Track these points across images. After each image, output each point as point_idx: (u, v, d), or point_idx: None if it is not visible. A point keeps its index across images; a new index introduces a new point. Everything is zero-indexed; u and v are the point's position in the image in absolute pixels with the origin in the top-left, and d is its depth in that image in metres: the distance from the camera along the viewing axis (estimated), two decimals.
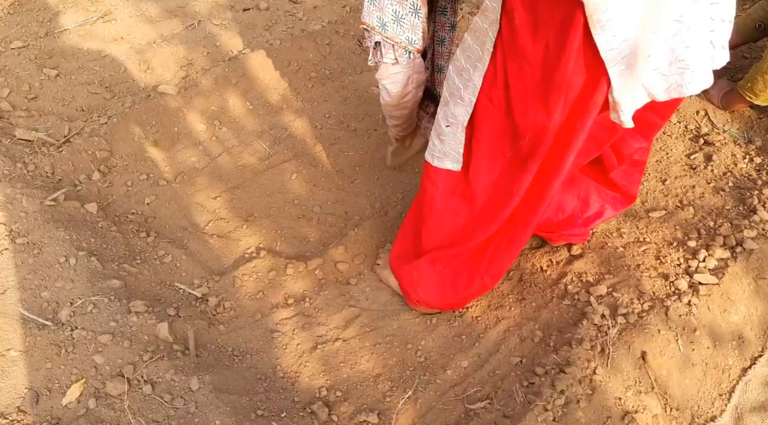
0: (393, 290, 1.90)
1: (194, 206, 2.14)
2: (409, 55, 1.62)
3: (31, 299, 1.64)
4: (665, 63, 1.18)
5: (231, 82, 2.43)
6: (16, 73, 2.41)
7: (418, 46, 1.61)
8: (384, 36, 1.57)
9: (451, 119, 1.49)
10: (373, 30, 1.57)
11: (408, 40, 1.59)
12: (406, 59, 1.62)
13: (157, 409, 1.48)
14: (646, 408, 1.55)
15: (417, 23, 1.58)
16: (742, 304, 1.72)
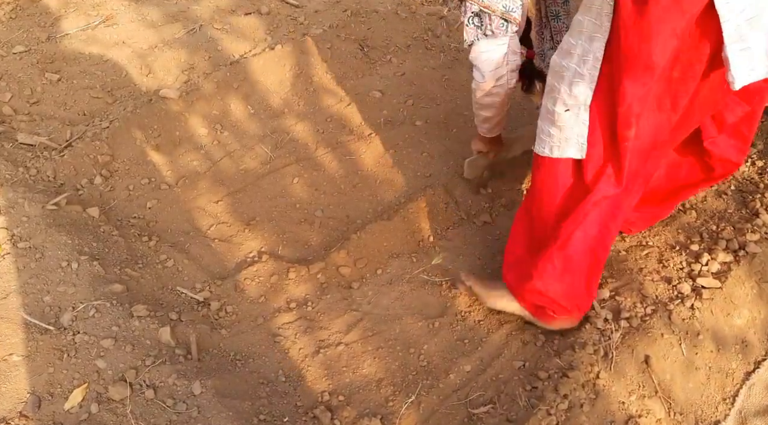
0: (397, 295, 1.89)
1: (196, 210, 2.14)
2: (506, 26, 1.56)
3: (33, 303, 1.64)
4: None
5: (232, 86, 2.43)
6: (18, 78, 2.41)
7: (517, 16, 1.56)
8: (482, 5, 1.53)
9: (570, 101, 1.40)
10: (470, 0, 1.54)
11: (505, 7, 1.54)
12: (503, 31, 1.57)
13: (160, 414, 1.48)
14: (649, 413, 1.55)
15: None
16: (745, 308, 1.72)
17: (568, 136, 1.44)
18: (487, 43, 1.60)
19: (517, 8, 1.55)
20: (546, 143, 1.50)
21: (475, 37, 1.61)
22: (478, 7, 1.55)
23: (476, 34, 1.60)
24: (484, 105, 1.79)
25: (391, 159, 2.30)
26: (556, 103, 1.44)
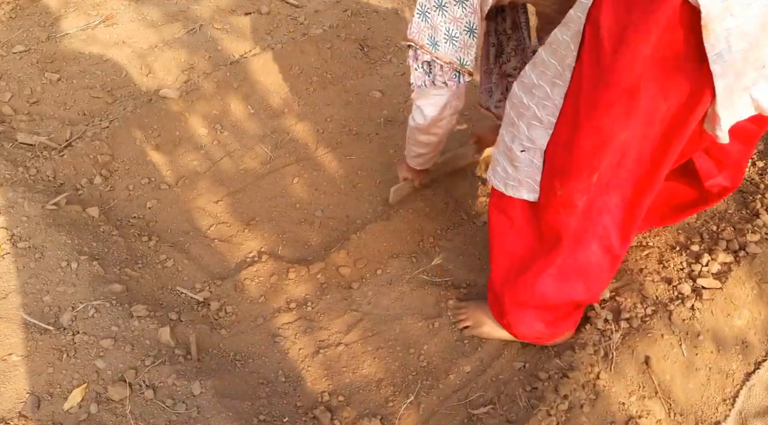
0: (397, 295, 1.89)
1: (196, 210, 2.14)
2: (458, 77, 1.51)
3: (32, 303, 1.64)
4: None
5: (232, 86, 2.43)
6: (17, 78, 2.41)
7: (470, 68, 1.51)
8: (434, 56, 1.47)
9: (526, 143, 1.38)
10: (423, 49, 1.48)
11: (460, 60, 1.48)
12: (455, 82, 1.52)
13: (159, 414, 1.48)
14: (650, 413, 1.54)
15: (471, 43, 1.47)
16: (745, 308, 1.72)
17: (521, 178, 1.42)
18: (435, 90, 1.54)
19: (471, 61, 1.49)
20: (501, 178, 1.48)
21: (423, 83, 1.55)
22: (430, 56, 1.49)
23: (424, 81, 1.54)
24: (420, 143, 1.75)
25: (392, 159, 2.29)
26: (514, 141, 1.41)
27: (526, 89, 1.35)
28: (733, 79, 1.09)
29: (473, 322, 1.77)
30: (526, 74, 1.35)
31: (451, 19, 1.43)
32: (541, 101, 1.31)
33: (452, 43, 1.46)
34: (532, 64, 1.34)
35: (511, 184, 1.46)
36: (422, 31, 1.47)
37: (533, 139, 1.36)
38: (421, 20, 1.45)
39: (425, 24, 1.45)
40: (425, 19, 1.45)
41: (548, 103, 1.30)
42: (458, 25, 1.43)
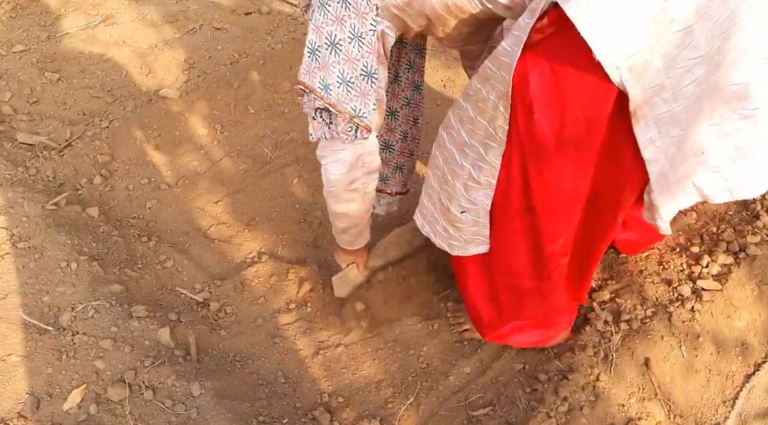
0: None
1: (196, 211, 2.14)
2: (355, 131, 1.29)
3: (32, 303, 1.64)
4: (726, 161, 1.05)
5: (233, 86, 2.43)
6: (17, 77, 2.41)
7: (368, 122, 1.29)
8: (327, 102, 1.26)
9: (467, 204, 1.31)
10: (314, 93, 1.27)
11: (355, 110, 1.27)
12: (351, 137, 1.30)
13: (159, 415, 1.47)
14: (649, 415, 1.54)
15: (369, 90, 1.26)
16: (745, 310, 1.71)
17: (467, 238, 1.37)
18: (339, 144, 1.33)
19: (370, 112, 1.28)
20: (443, 238, 1.42)
21: (322, 135, 1.33)
22: (323, 103, 1.27)
23: (323, 132, 1.33)
24: (338, 214, 1.51)
25: None
26: (451, 201, 1.33)
27: (457, 146, 1.28)
28: (668, 166, 1.06)
29: (471, 326, 1.76)
30: (454, 127, 1.28)
31: (345, 59, 1.23)
32: (476, 162, 1.25)
33: (346, 89, 1.25)
34: (459, 119, 1.26)
35: (455, 244, 1.40)
36: (312, 73, 1.26)
37: (474, 200, 1.29)
38: (311, 60, 1.25)
39: (315, 64, 1.24)
40: (315, 59, 1.24)
41: (484, 166, 1.23)
42: (354, 68, 1.23)
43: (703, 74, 0.97)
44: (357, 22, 1.19)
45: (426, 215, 1.48)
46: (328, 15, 1.20)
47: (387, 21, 1.22)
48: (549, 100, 1.08)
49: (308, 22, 1.27)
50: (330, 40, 1.22)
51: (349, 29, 1.20)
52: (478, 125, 1.21)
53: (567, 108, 1.07)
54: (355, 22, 1.20)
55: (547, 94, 1.07)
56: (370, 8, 1.19)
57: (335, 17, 1.20)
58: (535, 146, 1.14)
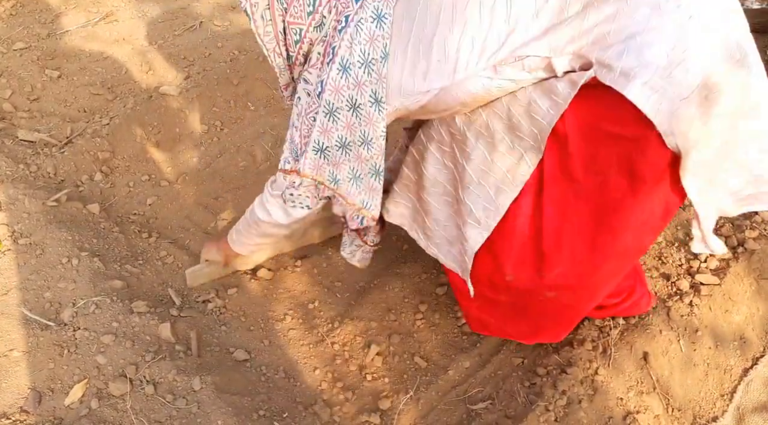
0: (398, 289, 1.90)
1: (196, 207, 2.14)
2: (361, 220, 1.41)
3: (33, 299, 1.65)
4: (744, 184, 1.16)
5: (232, 83, 2.44)
6: (18, 75, 2.42)
7: (375, 214, 1.40)
8: (337, 192, 1.35)
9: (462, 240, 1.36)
10: (323, 185, 1.34)
11: (363, 203, 1.37)
12: (357, 223, 1.42)
13: (160, 409, 1.48)
14: (647, 409, 1.55)
15: (377, 187, 1.35)
16: (743, 304, 1.72)
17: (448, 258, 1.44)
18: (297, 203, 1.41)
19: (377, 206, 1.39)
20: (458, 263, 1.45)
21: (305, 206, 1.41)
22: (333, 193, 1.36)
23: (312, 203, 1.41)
24: (267, 235, 1.57)
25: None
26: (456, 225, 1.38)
27: (464, 186, 1.31)
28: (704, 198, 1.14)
29: None
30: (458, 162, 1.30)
31: (355, 159, 1.31)
32: (481, 202, 1.28)
33: (356, 184, 1.34)
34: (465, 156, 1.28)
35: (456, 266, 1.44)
36: (321, 168, 1.32)
37: (468, 237, 1.32)
38: (320, 157, 1.30)
39: (324, 161, 1.31)
40: (324, 157, 1.30)
41: (490, 208, 1.27)
42: (363, 166, 1.32)
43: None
44: (368, 129, 1.26)
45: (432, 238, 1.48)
46: (338, 122, 1.25)
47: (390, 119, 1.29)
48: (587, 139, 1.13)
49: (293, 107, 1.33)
50: (341, 143, 1.28)
51: (359, 135, 1.27)
52: (494, 168, 1.24)
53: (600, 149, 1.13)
54: (365, 129, 1.26)
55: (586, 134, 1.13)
56: (382, 118, 1.25)
57: (345, 125, 1.26)
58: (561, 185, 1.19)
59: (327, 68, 1.23)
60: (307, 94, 1.29)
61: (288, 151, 1.36)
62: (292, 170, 1.35)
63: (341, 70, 1.21)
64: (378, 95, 1.22)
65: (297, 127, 1.33)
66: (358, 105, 1.23)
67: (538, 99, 1.13)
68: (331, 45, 1.23)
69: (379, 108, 1.23)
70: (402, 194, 1.50)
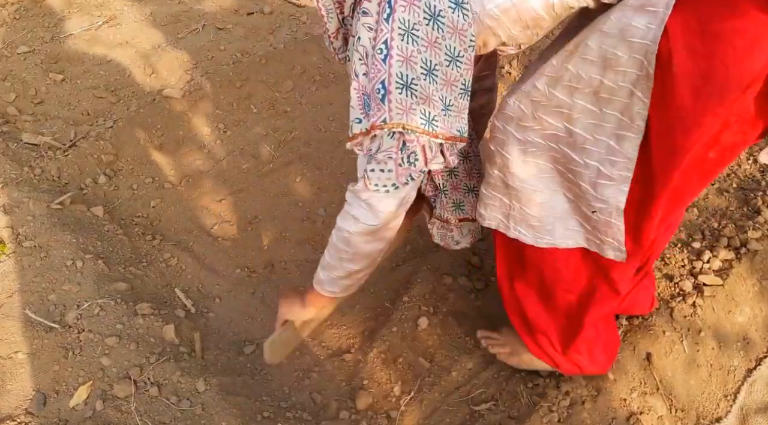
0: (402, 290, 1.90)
1: (199, 209, 2.15)
2: (454, 148, 1.18)
3: (38, 302, 1.65)
4: None
5: (235, 85, 2.44)
6: (22, 78, 2.43)
7: (467, 135, 1.19)
8: (432, 135, 1.11)
9: (597, 203, 1.19)
10: (417, 131, 1.09)
11: (459, 131, 1.16)
12: (457, 158, 1.21)
13: (164, 411, 1.49)
14: (651, 409, 1.55)
15: (465, 105, 1.16)
16: (746, 305, 1.72)
17: (603, 239, 1.25)
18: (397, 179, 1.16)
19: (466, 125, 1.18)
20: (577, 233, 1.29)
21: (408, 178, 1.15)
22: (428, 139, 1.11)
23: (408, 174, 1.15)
24: (361, 255, 1.28)
25: None
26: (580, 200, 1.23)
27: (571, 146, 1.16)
28: None
29: (512, 350, 1.65)
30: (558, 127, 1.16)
31: (443, 84, 1.10)
32: (607, 157, 1.13)
33: (447, 113, 1.13)
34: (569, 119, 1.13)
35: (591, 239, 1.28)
36: (410, 109, 1.08)
37: (606, 197, 1.17)
38: (407, 96, 1.07)
39: (413, 99, 1.08)
40: (411, 94, 1.08)
41: (617, 159, 1.12)
42: (452, 89, 1.12)
43: None
44: (453, 41, 1.07)
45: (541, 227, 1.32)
46: (419, 42, 1.05)
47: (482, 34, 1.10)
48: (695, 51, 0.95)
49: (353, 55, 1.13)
50: (427, 68, 1.07)
51: (445, 52, 1.07)
52: (605, 117, 1.09)
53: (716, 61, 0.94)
54: (450, 42, 1.07)
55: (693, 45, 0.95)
56: (469, 23, 1.06)
57: (428, 43, 1.06)
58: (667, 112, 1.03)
59: None
60: (369, 29, 1.08)
61: (356, 111, 1.16)
62: (371, 128, 1.11)
63: None
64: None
65: (363, 74, 1.12)
66: (438, 12, 1.04)
67: (631, 20, 0.98)
68: None
69: (464, 11, 1.05)
70: (490, 194, 1.35)
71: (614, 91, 1.05)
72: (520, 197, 1.30)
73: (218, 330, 1.80)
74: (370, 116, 1.13)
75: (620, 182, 1.14)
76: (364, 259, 1.30)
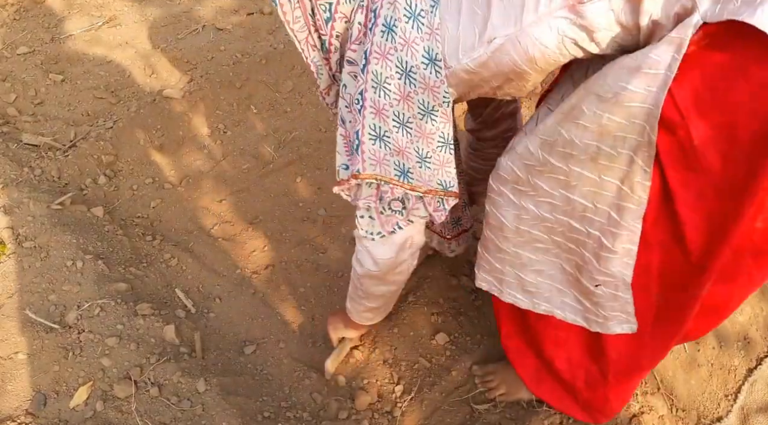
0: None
1: (199, 210, 2.15)
2: (443, 203, 1.16)
3: (38, 302, 1.65)
4: None
5: (235, 86, 2.44)
6: (22, 79, 2.43)
7: (455, 190, 1.15)
8: (406, 187, 1.11)
9: (600, 276, 1.11)
10: (390, 183, 1.11)
11: (441, 183, 1.12)
12: (443, 212, 1.17)
13: (164, 411, 1.49)
14: (652, 409, 1.55)
15: (449, 159, 1.11)
16: (747, 305, 1.72)
17: (608, 314, 1.17)
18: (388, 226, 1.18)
19: (455, 178, 1.14)
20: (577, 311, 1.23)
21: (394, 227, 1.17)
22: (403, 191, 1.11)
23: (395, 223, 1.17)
24: (372, 296, 1.36)
25: None
26: (581, 272, 1.15)
27: (570, 214, 1.09)
28: None
29: (507, 389, 1.61)
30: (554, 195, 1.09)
31: (419, 137, 1.07)
32: (608, 228, 1.05)
33: (426, 166, 1.10)
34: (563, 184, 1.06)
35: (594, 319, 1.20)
36: (383, 161, 1.09)
37: (610, 271, 1.09)
38: (380, 147, 1.08)
39: (386, 150, 1.08)
40: (385, 145, 1.07)
41: (620, 232, 1.03)
42: (429, 142, 1.08)
43: None
44: (426, 96, 1.04)
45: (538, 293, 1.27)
46: (390, 95, 1.04)
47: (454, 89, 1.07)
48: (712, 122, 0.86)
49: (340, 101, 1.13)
50: (399, 121, 1.06)
51: (417, 106, 1.05)
52: (605, 185, 1.01)
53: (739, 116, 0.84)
54: (423, 97, 1.04)
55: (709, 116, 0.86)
56: (441, 81, 1.03)
57: (400, 95, 1.04)
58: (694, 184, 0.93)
59: (370, 35, 1.03)
60: (354, 77, 1.08)
61: (342, 157, 1.15)
62: (348, 178, 1.12)
63: (386, 31, 1.00)
64: (432, 53, 1.00)
65: (348, 121, 1.12)
66: (410, 68, 1.01)
67: (628, 83, 0.89)
68: (371, 9, 1.03)
69: (436, 68, 1.01)
70: (482, 254, 1.31)
71: (613, 158, 0.97)
72: (514, 262, 1.25)
73: (219, 331, 1.80)
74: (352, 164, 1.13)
75: (625, 255, 1.06)
76: (377, 299, 1.38)
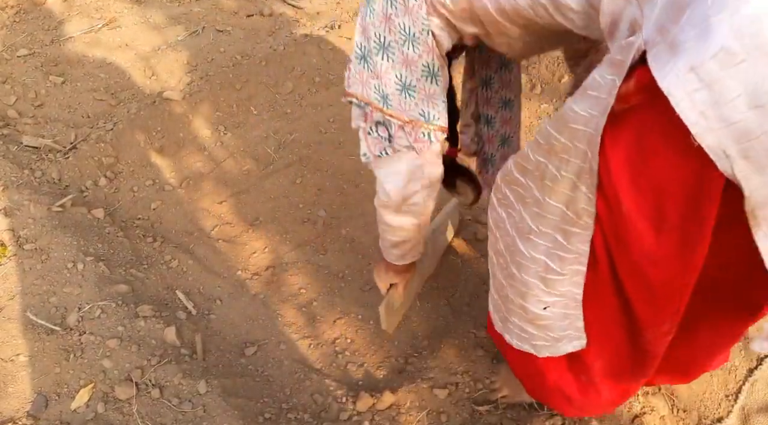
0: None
1: (200, 211, 2.15)
2: (428, 136, 1.11)
3: (39, 304, 1.65)
4: None
5: (235, 87, 2.45)
6: (22, 81, 2.43)
7: (442, 123, 1.11)
8: (387, 114, 1.09)
9: (549, 298, 1.07)
10: (370, 105, 1.10)
11: (424, 115, 1.09)
12: (426, 143, 1.12)
13: (166, 413, 1.49)
14: (653, 410, 1.55)
15: (435, 90, 1.08)
16: None
17: (556, 335, 1.13)
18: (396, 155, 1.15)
19: (442, 112, 1.10)
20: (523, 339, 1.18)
21: (381, 152, 1.15)
22: (382, 115, 1.09)
23: (382, 148, 1.15)
24: (392, 227, 1.31)
25: None
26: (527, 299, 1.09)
27: (519, 232, 1.04)
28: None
29: (510, 391, 1.59)
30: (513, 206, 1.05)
31: (401, 62, 1.05)
32: (554, 252, 1.00)
33: (408, 94, 1.07)
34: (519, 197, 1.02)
35: (542, 345, 1.16)
36: (366, 82, 1.09)
37: (560, 291, 1.05)
38: (362, 67, 1.08)
39: (368, 72, 1.07)
40: (366, 65, 1.07)
41: (567, 255, 0.99)
42: (413, 69, 1.05)
43: None
44: (406, 20, 1.02)
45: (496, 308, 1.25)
46: (374, 14, 1.04)
47: (437, 21, 1.03)
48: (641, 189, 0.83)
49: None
50: (379, 43, 1.04)
51: (398, 29, 1.03)
52: (548, 208, 0.96)
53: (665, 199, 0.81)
54: (404, 20, 1.02)
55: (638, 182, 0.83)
56: (419, 5, 1.00)
57: (382, 16, 1.03)
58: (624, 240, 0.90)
59: None
60: None
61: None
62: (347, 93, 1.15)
63: None
64: None
65: None
66: None
67: (574, 103, 0.85)
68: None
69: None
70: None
71: (557, 181, 0.92)
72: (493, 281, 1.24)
73: (219, 332, 1.80)
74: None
75: (573, 274, 1.02)
76: (398, 231, 1.32)
